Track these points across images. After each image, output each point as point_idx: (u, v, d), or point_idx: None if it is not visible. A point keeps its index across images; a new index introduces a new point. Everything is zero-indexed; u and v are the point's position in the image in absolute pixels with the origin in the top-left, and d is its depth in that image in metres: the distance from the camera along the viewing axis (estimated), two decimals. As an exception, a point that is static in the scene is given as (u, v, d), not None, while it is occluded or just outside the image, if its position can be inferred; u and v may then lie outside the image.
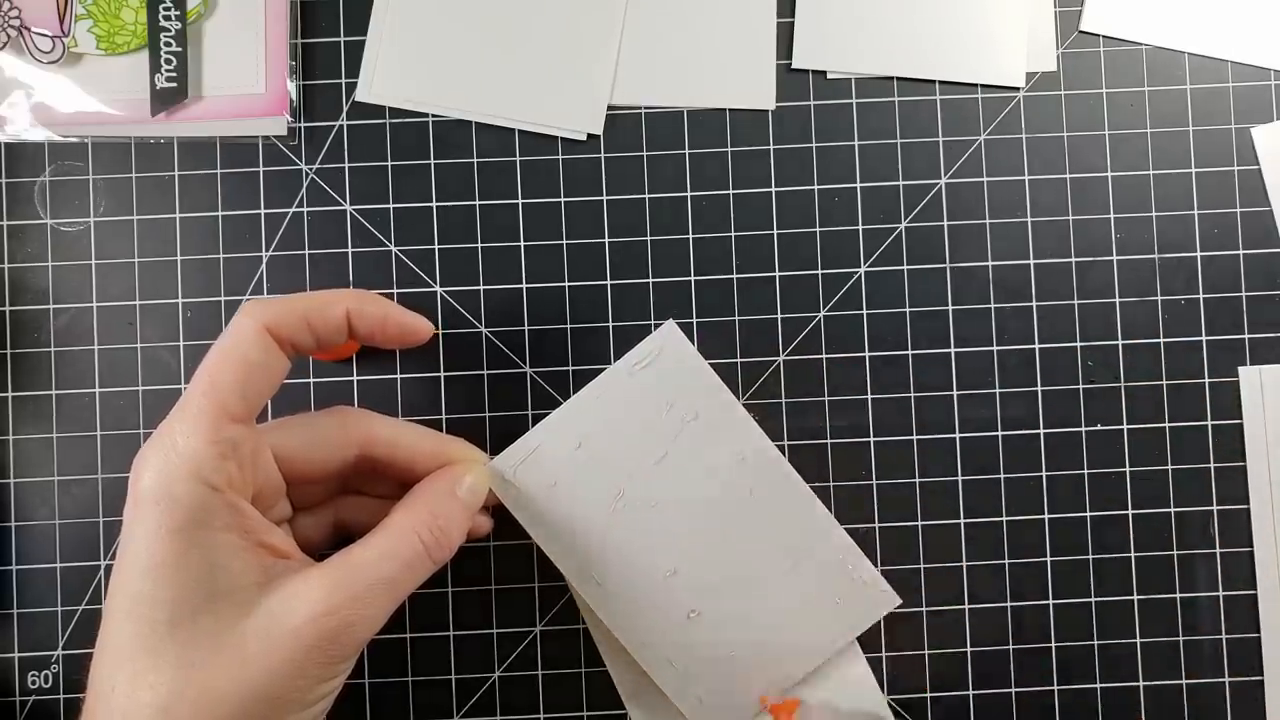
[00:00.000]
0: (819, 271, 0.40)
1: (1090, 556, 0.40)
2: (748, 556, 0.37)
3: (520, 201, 0.41)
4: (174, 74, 0.40)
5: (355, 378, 0.40)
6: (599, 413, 0.36)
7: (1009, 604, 0.40)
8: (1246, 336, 0.40)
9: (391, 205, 0.41)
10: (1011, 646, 0.40)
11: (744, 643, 0.37)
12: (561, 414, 0.36)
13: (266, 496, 0.33)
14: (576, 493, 0.36)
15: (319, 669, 0.29)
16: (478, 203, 0.41)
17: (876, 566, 0.38)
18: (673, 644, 0.37)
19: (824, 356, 0.40)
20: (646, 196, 0.41)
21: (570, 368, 0.40)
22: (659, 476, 0.37)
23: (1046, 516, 0.40)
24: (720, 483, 0.37)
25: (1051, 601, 0.40)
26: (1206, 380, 0.40)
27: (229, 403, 0.30)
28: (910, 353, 0.40)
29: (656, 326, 0.40)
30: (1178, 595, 0.40)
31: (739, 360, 0.40)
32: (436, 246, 0.41)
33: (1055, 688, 0.40)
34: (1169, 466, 0.40)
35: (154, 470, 0.29)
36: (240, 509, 0.30)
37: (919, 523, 0.40)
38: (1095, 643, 0.40)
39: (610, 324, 0.40)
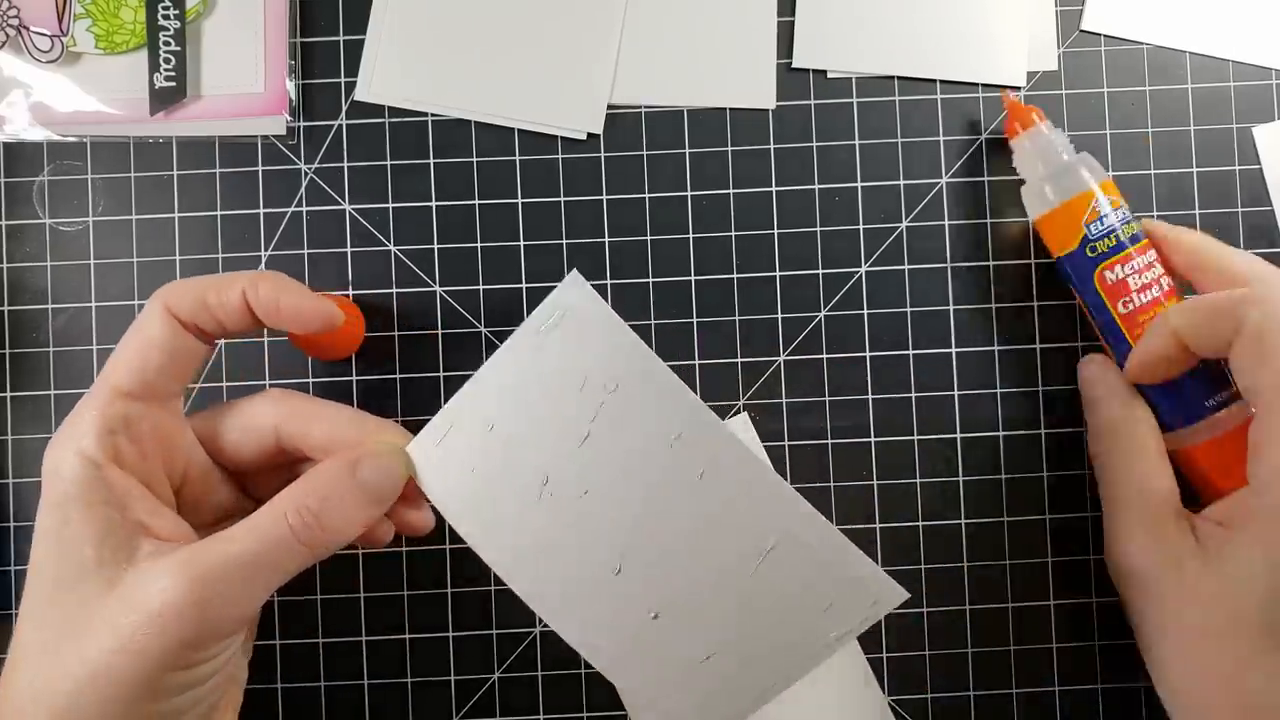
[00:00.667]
0: (819, 271, 0.40)
1: (1091, 557, 0.40)
2: (708, 549, 0.32)
3: (520, 201, 0.41)
4: (173, 73, 0.40)
5: (354, 378, 0.40)
6: (505, 390, 0.32)
7: (1009, 604, 0.40)
8: (1248, 336, 0.40)
9: (391, 205, 0.40)
10: (1012, 647, 0.40)
11: (722, 644, 0.32)
12: (465, 393, 0.32)
13: (196, 482, 0.33)
14: (496, 481, 0.32)
15: (176, 652, 0.28)
16: (477, 202, 0.41)
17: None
18: (636, 651, 0.32)
19: (824, 356, 0.40)
20: (646, 196, 0.41)
21: (570, 368, 0.40)
22: (585, 460, 0.31)
23: (1048, 517, 0.40)
24: (657, 466, 0.31)
25: (1052, 602, 0.40)
26: (1207, 380, 0.40)
27: (121, 379, 0.30)
28: (911, 353, 0.40)
29: (658, 328, 0.40)
30: (1179, 595, 0.40)
31: (739, 360, 0.40)
32: (436, 246, 0.40)
33: (1056, 688, 0.40)
34: (1170, 466, 0.40)
35: (51, 447, 0.30)
36: (119, 487, 0.29)
37: (920, 523, 0.40)
38: (1096, 643, 0.40)
39: (610, 324, 0.40)
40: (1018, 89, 0.41)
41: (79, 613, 0.28)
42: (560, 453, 0.32)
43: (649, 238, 0.40)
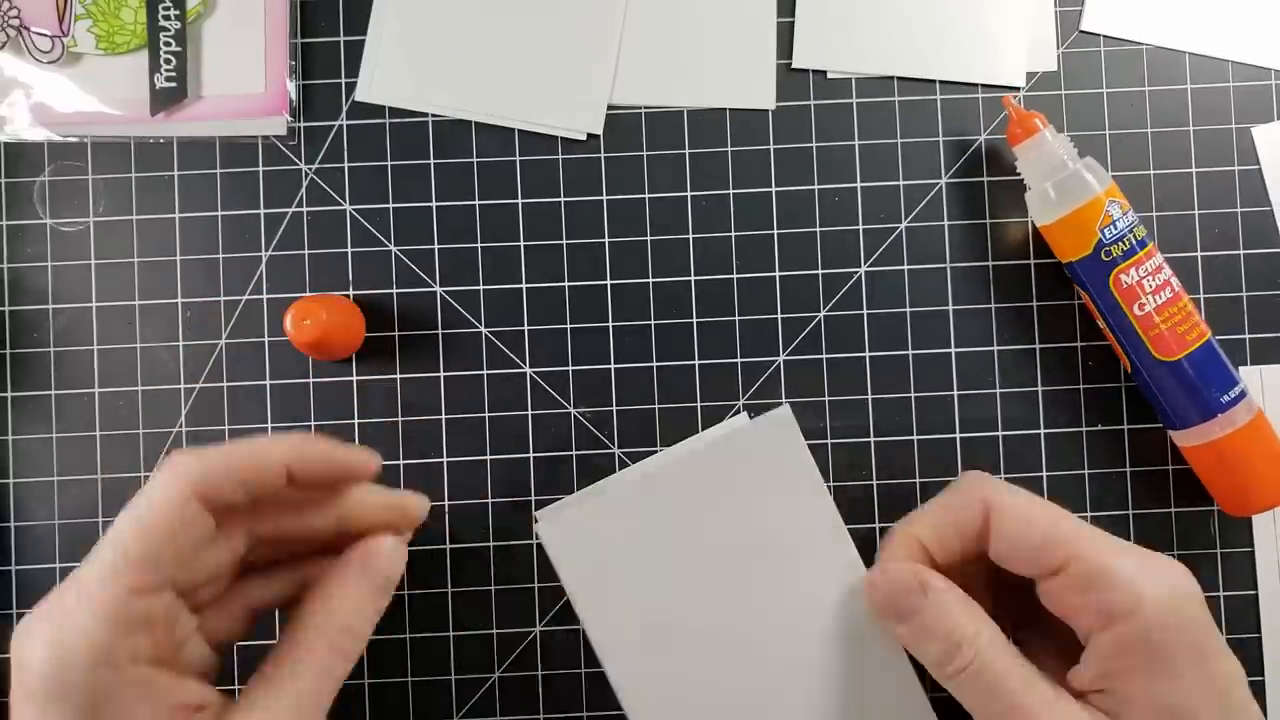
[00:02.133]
0: (819, 271, 0.40)
1: (1091, 557, 0.40)
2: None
3: (520, 201, 0.41)
4: (173, 74, 0.40)
5: (355, 378, 0.40)
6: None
7: (1009, 604, 0.40)
8: (1247, 336, 0.40)
9: (391, 205, 0.41)
10: (1012, 647, 0.40)
11: None
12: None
13: (227, 580, 0.32)
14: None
15: None
16: (477, 203, 0.41)
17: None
18: None
19: (824, 356, 0.40)
20: (646, 196, 0.41)
21: (570, 368, 0.40)
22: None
23: (1047, 516, 0.40)
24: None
25: (1052, 602, 0.40)
26: (1207, 380, 0.40)
27: (140, 578, 0.27)
28: (910, 353, 0.40)
29: (658, 328, 0.40)
30: (1178, 595, 0.40)
31: (739, 360, 0.40)
32: (436, 246, 0.40)
33: (1056, 688, 0.40)
34: (1169, 467, 0.40)
35: (45, 654, 0.26)
36: (150, 682, 0.27)
37: (919, 523, 0.40)
38: (1096, 643, 0.40)
39: (610, 324, 0.40)
40: (1017, 90, 0.41)
41: None
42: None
43: (649, 238, 0.40)
